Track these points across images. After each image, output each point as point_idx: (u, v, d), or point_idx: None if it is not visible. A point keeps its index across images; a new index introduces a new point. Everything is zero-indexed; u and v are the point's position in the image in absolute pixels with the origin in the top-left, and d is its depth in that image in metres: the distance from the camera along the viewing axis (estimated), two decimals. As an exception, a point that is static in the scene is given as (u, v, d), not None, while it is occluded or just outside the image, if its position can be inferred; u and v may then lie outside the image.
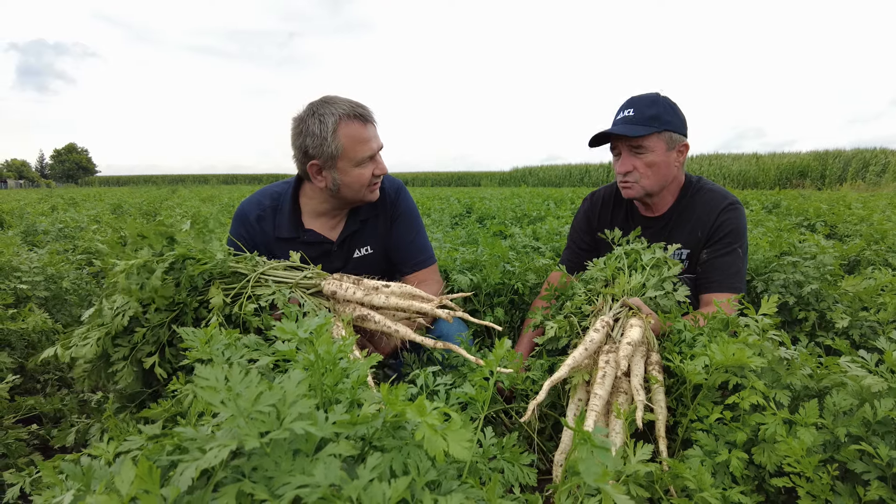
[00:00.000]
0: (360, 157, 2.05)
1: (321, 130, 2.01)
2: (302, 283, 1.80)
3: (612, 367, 1.47)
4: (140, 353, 1.68)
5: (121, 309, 1.64)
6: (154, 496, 0.62)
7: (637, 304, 1.68)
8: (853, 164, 33.78)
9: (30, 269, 2.86)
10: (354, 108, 2.05)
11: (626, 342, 1.49)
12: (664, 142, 2.18)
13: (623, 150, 2.23)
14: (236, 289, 1.75)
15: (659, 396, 1.47)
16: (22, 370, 2.45)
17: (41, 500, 0.87)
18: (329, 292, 1.77)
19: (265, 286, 1.77)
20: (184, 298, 1.70)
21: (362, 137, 2.05)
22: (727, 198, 2.26)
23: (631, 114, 2.19)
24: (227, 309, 1.70)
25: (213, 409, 0.77)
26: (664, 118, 2.17)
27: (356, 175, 2.08)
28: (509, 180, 58.75)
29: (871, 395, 1.28)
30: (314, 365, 0.91)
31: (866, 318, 2.27)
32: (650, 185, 2.23)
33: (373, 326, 1.74)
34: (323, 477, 0.65)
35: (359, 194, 2.15)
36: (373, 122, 2.11)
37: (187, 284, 1.70)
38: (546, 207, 8.62)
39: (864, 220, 5.42)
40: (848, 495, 1.17)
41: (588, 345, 1.51)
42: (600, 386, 1.45)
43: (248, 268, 1.83)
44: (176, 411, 1.34)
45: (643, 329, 1.55)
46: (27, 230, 5.22)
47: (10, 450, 1.86)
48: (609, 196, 2.53)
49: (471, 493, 0.80)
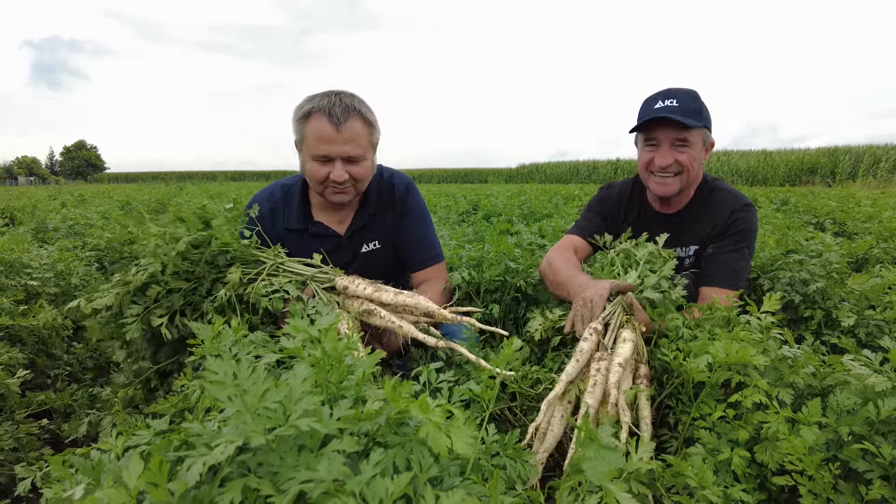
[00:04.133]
0: (314, 152, 2.05)
1: (296, 114, 2.08)
2: (317, 277, 1.88)
3: (602, 376, 1.48)
4: (152, 314, 1.78)
5: (143, 267, 1.80)
6: (162, 490, 0.64)
7: (630, 302, 1.68)
8: (864, 161, 33.39)
9: (40, 266, 2.90)
10: (332, 107, 2.01)
11: (616, 362, 1.50)
12: (703, 139, 2.17)
13: (664, 143, 2.16)
14: (252, 274, 1.86)
15: (645, 413, 1.48)
16: (33, 365, 2.49)
17: (51, 494, 0.89)
18: (341, 287, 1.84)
19: (282, 275, 1.88)
20: (203, 271, 1.83)
21: (323, 136, 2.02)
22: (742, 199, 2.26)
23: (675, 104, 2.12)
24: (241, 289, 1.81)
25: (220, 405, 0.79)
26: (704, 114, 2.15)
27: (311, 167, 2.10)
28: (516, 177, 58.58)
29: (874, 394, 1.28)
30: (320, 362, 0.93)
31: (872, 317, 2.26)
32: (687, 181, 2.20)
33: (378, 322, 1.77)
34: (326, 472, 0.67)
35: (317, 189, 2.16)
36: (345, 128, 2.02)
37: (209, 259, 1.86)
38: (553, 205, 8.60)
39: (872, 217, 5.38)
40: (850, 494, 1.17)
41: (579, 356, 1.53)
42: (591, 395, 1.46)
43: (270, 257, 1.95)
44: (183, 406, 1.36)
45: (634, 343, 1.56)
46: (38, 227, 5.28)
47: (21, 444, 1.90)
48: (625, 190, 2.51)
49: (473, 489, 0.81)
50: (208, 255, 1.84)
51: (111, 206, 9.29)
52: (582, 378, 1.55)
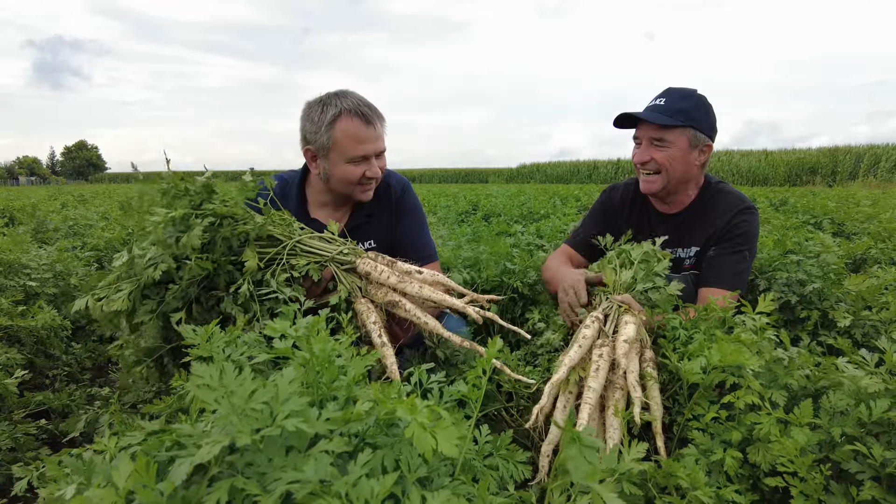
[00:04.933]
0: (352, 154, 2.05)
1: (319, 118, 2.05)
2: (337, 259, 1.76)
3: (605, 361, 1.48)
4: (167, 307, 1.64)
5: (153, 261, 1.60)
6: (150, 490, 0.64)
7: (627, 300, 1.68)
8: (865, 160, 33.35)
9: (39, 266, 2.91)
10: (360, 106, 2.05)
11: (622, 339, 1.50)
12: (687, 139, 2.16)
13: (644, 140, 2.20)
14: (270, 254, 1.71)
15: (654, 393, 1.48)
16: (31, 366, 2.49)
17: (45, 493, 0.90)
18: (363, 272, 1.74)
19: (300, 256, 1.74)
20: (218, 258, 1.65)
21: (359, 136, 2.04)
22: (744, 201, 2.26)
23: (662, 103, 2.16)
24: (259, 274, 1.67)
25: (209, 408, 0.79)
26: (693, 115, 2.15)
27: (345, 170, 2.09)
28: (517, 177, 58.60)
29: (867, 396, 1.28)
30: (309, 362, 0.93)
31: (869, 318, 2.26)
32: (669, 180, 2.21)
33: (403, 314, 1.72)
34: (313, 473, 0.67)
35: (347, 190, 2.15)
36: (376, 124, 2.09)
37: (223, 246, 1.66)
38: (552, 205, 8.60)
39: (871, 217, 5.37)
40: (841, 495, 1.18)
41: (582, 342, 1.52)
42: (594, 379, 1.46)
43: (285, 233, 1.78)
44: (178, 407, 1.37)
45: (637, 326, 1.56)
46: (37, 227, 5.29)
47: (18, 444, 1.90)
48: (628, 190, 2.53)
49: (460, 489, 0.82)
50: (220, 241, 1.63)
51: (111, 206, 9.30)
52: (583, 367, 1.55)
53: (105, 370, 2.93)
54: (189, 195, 1.68)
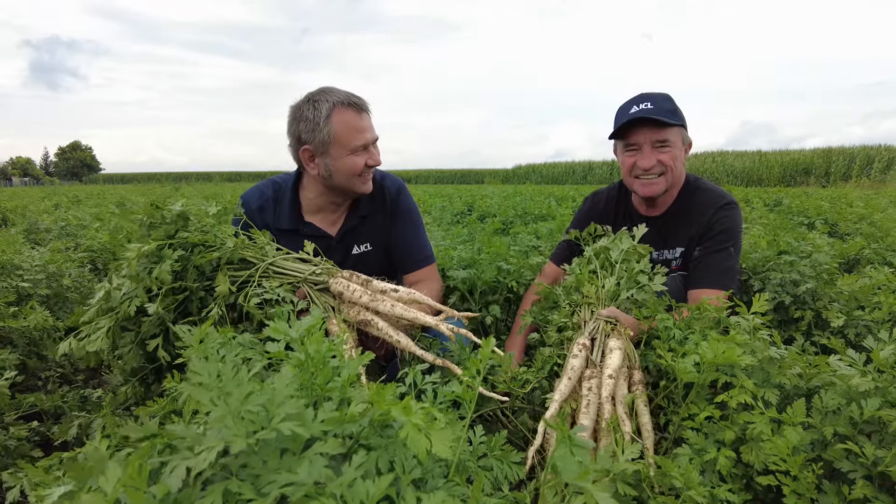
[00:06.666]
0: (353, 144, 2.07)
1: (314, 116, 2.05)
2: (310, 279, 1.78)
3: (594, 395, 1.48)
4: (146, 334, 1.70)
5: (128, 296, 1.67)
6: (141, 494, 0.64)
7: (613, 315, 1.65)
8: (858, 161, 33.57)
9: (31, 268, 2.89)
10: (350, 97, 2.08)
11: (607, 375, 1.49)
12: (682, 138, 2.20)
13: (645, 145, 2.18)
14: (243, 277, 1.76)
15: (644, 419, 1.47)
16: (24, 367, 2.47)
17: (34, 499, 0.89)
18: (336, 292, 1.76)
19: (273, 278, 1.77)
20: (190, 285, 1.71)
21: (356, 126, 2.07)
22: (724, 197, 2.26)
23: (650, 106, 2.14)
24: (232, 298, 1.71)
25: (204, 408, 0.79)
26: (679, 114, 2.18)
27: (348, 162, 2.09)
28: (512, 178, 58.64)
29: (858, 395, 1.29)
30: (304, 364, 0.93)
31: (861, 318, 2.28)
32: (672, 180, 2.22)
33: (375, 333, 1.72)
34: (307, 475, 0.67)
35: (350, 183, 2.15)
36: (367, 112, 2.14)
37: (194, 273, 1.72)
38: (548, 205, 8.62)
39: (864, 218, 5.41)
40: (833, 494, 1.18)
41: (571, 374, 1.52)
42: (585, 416, 1.45)
43: (258, 255, 1.82)
44: (171, 409, 1.36)
45: (623, 351, 1.54)
46: (30, 228, 5.26)
47: (9, 450, 1.89)
48: (611, 195, 2.53)
49: (455, 490, 0.82)
50: (191, 269, 1.71)
51: (105, 207, 9.25)
52: (574, 397, 1.55)
53: (98, 372, 2.91)
54: (165, 224, 1.76)
